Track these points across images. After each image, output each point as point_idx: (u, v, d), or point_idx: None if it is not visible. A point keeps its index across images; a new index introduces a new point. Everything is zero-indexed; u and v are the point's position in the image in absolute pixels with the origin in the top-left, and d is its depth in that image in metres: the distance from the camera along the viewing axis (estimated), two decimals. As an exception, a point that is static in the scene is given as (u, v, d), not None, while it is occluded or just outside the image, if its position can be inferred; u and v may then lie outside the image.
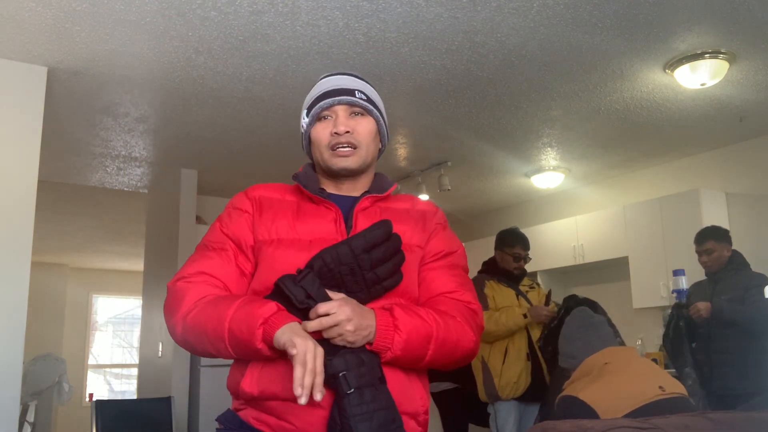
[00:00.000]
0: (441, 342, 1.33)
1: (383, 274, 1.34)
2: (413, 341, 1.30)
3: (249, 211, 1.45)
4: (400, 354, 1.29)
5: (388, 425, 1.22)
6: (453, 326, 1.37)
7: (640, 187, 5.73)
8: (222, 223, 1.47)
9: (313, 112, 1.47)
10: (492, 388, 3.70)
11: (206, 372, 5.09)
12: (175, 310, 1.35)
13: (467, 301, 1.45)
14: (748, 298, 3.55)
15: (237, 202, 1.49)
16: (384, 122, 1.53)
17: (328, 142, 1.44)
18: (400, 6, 3.03)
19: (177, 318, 1.34)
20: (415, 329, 1.30)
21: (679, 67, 3.63)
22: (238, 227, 1.43)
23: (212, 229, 1.48)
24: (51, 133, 4.26)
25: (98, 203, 6.70)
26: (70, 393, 6.51)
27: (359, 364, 1.24)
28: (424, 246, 1.48)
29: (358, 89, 1.48)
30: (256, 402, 1.32)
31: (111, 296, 10.92)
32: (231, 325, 1.25)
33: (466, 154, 5.22)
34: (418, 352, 1.32)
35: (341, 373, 1.21)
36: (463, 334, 1.38)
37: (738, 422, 1.49)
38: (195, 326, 1.31)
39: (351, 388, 1.21)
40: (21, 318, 3.31)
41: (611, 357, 2.32)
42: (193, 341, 1.33)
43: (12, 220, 3.36)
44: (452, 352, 1.37)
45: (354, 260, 1.30)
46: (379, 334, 1.27)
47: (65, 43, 3.30)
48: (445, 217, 1.59)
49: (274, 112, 4.22)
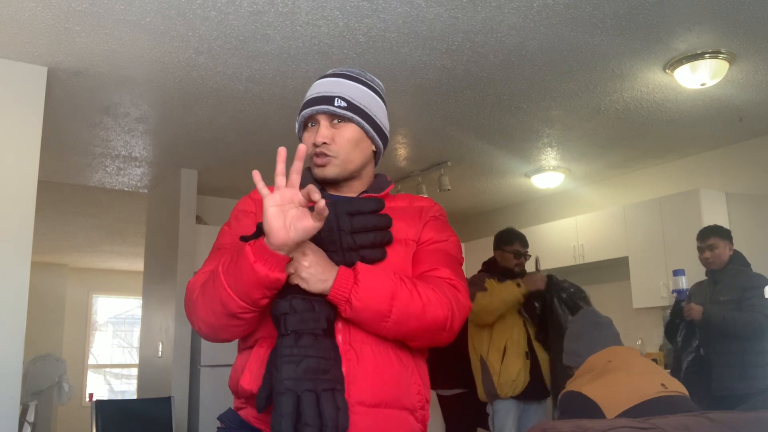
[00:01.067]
0: (405, 302, 1.29)
1: (361, 241, 1.34)
2: (374, 296, 1.27)
3: (253, 212, 1.46)
4: (360, 306, 1.26)
5: (318, 374, 1.20)
6: (423, 290, 1.32)
7: (640, 187, 5.73)
8: (230, 226, 1.49)
9: (300, 120, 1.49)
10: (491, 387, 3.70)
11: (206, 372, 5.09)
12: (194, 308, 1.34)
13: (446, 277, 1.40)
14: (745, 300, 3.54)
15: (242, 205, 1.51)
16: (375, 124, 1.49)
17: (312, 151, 1.44)
18: (400, 6, 3.03)
19: (197, 311, 1.32)
20: (376, 284, 1.28)
21: (679, 67, 3.63)
22: (244, 228, 1.44)
23: (221, 233, 1.50)
24: (51, 133, 4.27)
25: (98, 203, 6.70)
26: (70, 393, 6.51)
27: (306, 309, 1.24)
28: (417, 239, 1.46)
29: (339, 95, 1.44)
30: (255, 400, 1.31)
31: (111, 296, 10.92)
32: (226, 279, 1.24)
33: (466, 154, 5.22)
34: (379, 307, 1.27)
35: (282, 315, 1.23)
36: (434, 299, 1.32)
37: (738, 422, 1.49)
38: (209, 310, 1.29)
39: (288, 331, 1.22)
40: (21, 318, 3.31)
41: (614, 355, 2.35)
42: (214, 324, 1.30)
43: (12, 221, 3.36)
44: (420, 315, 1.30)
45: (335, 219, 1.32)
46: (336, 285, 1.26)
47: (65, 43, 3.30)
48: (443, 210, 1.57)
49: (274, 112, 4.22)
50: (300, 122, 1.50)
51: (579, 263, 5.82)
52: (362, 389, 1.28)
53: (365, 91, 1.49)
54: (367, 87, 1.50)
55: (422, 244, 1.46)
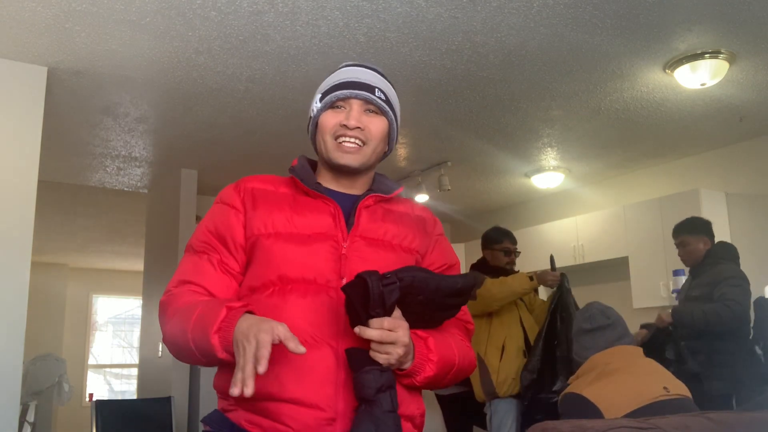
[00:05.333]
0: (458, 370, 1.38)
1: (442, 318, 1.37)
2: (440, 371, 1.33)
3: (238, 207, 1.39)
4: (424, 382, 1.33)
5: None
6: (467, 352, 1.42)
7: (640, 187, 5.73)
8: (209, 221, 1.42)
9: (328, 99, 1.41)
10: (490, 386, 3.68)
11: (206, 372, 5.09)
12: (162, 326, 1.36)
13: (467, 321, 1.49)
14: (716, 293, 3.44)
15: (226, 196, 1.42)
16: (396, 125, 1.48)
17: (334, 132, 1.39)
18: (400, 6, 3.03)
19: (164, 333, 1.35)
20: (443, 360, 1.33)
21: (679, 67, 3.63)
22: (225, 224, 1.38)
23: (199, 227, 1.43)
24: (51, 133, 4.26)
25: (98, 203, 6.70)
26: (70, 393, 6.51)
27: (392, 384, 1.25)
28: (423, 254, 1.47)
29: (380, 87, 1.42)
30: (248, 402, 1.25)
31: (111, 296, 10.92)
32: (193, 335, 1.24)
33: (466, 154, 5.22)
34: (440, 379, 1.36)
35: (388, 390, 1.22)
36: (472, 359, 1.43)
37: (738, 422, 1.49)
38: (171, 342, 1.32)
39: (394, 408, 1.21)
40: (21, 318, 3.31)
41: (617, 355, 2.32)
42: (177, 355, 1.34)
43: (12, 220, 3.36)
44: (462, 377, 1.41)
45: (435, 296, 1.28)
46: (415, 364, 1.29)
47: (65, 43, 3.29)
48: (441, 224, 1.59)
49: (274, 112, 4.21)
50: (326, 102, 1.41)
51: (579, 263, 5.82)
52: None
53: (393, 91, 1.49)
54: (392, 88, 1.50)
55: (438, 269, 1.47)
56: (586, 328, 2.48)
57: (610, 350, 2.36)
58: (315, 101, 1.46)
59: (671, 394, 2.12)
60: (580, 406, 2.09)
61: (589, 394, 2.12)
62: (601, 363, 2.30)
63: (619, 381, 2.19)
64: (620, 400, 2.07)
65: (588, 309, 2.56)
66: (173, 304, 1.34)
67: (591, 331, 2.46)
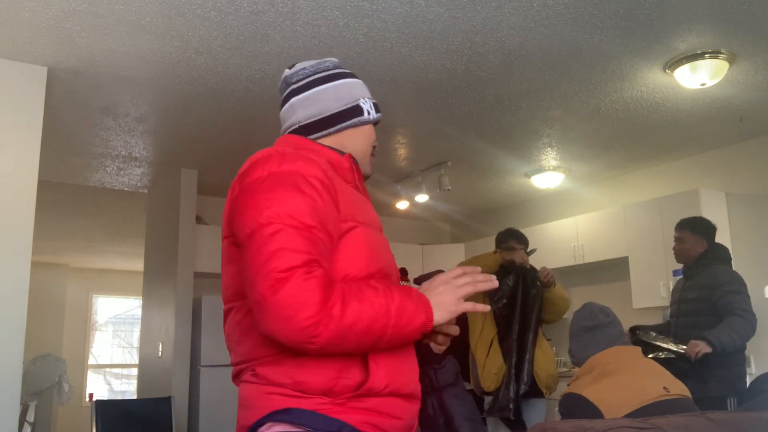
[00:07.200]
0: None
1: None
2: None
3: (329, 186, 1.27)
4: None
5: None
6: None
7: (640, 187, 5.73)
8: (308, 197, 1.23)
9: (377, 117, 1.53)
10: (477, 380, 3.75)
11: (206, 372, 5.09)
12: (305, 309, 1.13)
13: None
14: (718, 298, 3.42)
15: (313, 171, 1.26)
16: None
17: (371, 147, 1.54)
18: (400, 6, 3.03)
19: (321, 318, 1.14)
20: None
21: (679, 67, 3.63)
22: (326, 204, 1.24)
23: (297, 202, 1.21)
24: (51, 133, 4.26)
25: (98, 203, 6.70)
26: (70, 393, 6.51)
27: None
28: None
29: None
30: (366, 398, 1.21)
31: (111, 296, 10.91)
32: (397, 320, 1.20)
33: (466, 154, 5.22)
34: None
35: None
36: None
37: (738, 422, 1.49)
38: (353, 326, 1.16)
39: None
40: (21, 318, 3.31)
41: (617, 356, 2.32)
42: (350, 343, 1.18)
43: (12, 221, 3.36)
44: None
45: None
46: None
47: (65, 43, 3.29)
48: None
49: (274, 112, 4.20)
50: (376, 118, 1.53)
51: (579, 263, 5.82)
52: None
53: None
54: None
55: None
56: (588, 326, 2.48)
57: (609, 351, 2.36)
58: (369, 105, 1.50)
59: (671, 395, 2.12)
60: (580, 407, 2.09)
61: (589, 395, 2.12)
62: (600, 363, 2.30)
63: (619, 381, 2.18)
64: (620, 400, 2.07)
65: (587, 308, 2.56)
66: (326, 288, 1.17)
67: (592, 329, 2.46)
